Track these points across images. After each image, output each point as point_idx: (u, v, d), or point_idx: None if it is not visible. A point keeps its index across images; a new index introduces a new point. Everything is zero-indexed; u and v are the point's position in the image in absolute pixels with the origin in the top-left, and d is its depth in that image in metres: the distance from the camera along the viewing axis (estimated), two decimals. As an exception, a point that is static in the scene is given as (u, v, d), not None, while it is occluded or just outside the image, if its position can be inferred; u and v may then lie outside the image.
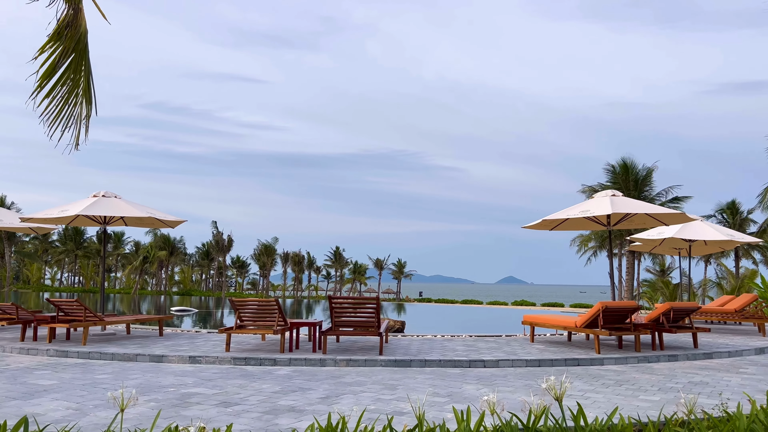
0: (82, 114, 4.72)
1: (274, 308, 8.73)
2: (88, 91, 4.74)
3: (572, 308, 58.79)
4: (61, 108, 4.60)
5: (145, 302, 47.33)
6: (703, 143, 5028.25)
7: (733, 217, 42.48)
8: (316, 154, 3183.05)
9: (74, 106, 4.68)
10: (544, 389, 3.69)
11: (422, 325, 18.18)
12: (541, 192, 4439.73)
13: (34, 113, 4.44)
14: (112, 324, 9.96)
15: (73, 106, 4.67)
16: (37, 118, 4.41)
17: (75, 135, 4.72)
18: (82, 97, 4.67)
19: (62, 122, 4.68)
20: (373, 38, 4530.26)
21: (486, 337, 11.30)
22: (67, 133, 4.67)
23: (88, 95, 4.72)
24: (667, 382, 7.09)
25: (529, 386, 6.70)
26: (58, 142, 4.60)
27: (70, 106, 4.67)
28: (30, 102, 4.37)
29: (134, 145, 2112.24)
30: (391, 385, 6.69)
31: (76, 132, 4.73)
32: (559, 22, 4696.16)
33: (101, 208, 10.83)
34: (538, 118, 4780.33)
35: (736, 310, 13.88)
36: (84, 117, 4.74)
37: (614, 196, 10.48)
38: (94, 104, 4.79)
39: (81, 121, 4.72)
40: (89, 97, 4.74)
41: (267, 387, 6.48)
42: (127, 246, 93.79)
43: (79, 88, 4.66)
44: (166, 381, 6.78)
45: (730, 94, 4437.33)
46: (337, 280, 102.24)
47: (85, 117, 4.74)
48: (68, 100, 4.63)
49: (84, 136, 4.78)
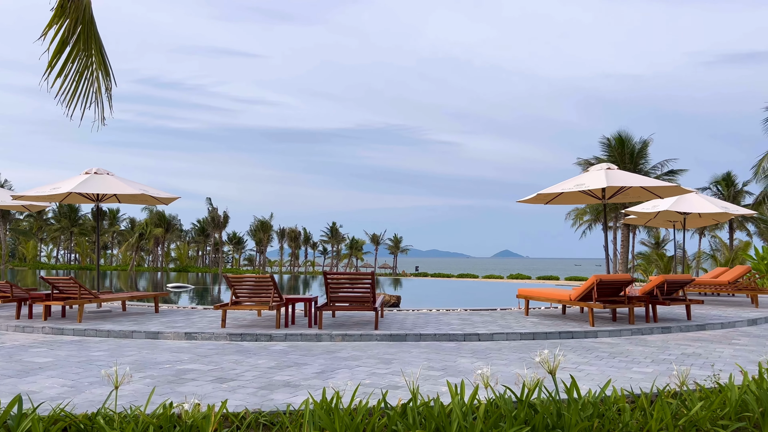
0: (102, 88, 4.55)
1: (270, 284, 8.73)
2: (104, 63, 4.56)
3: (567, 281, 59.21)
4: (77, 85, 4.43)
5: (141, 279, 47.40)
6: (700, 115, 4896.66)
7: (728, 189, 42.58)
8: (311, 129, 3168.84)
9: (90, 81, 4.51)
10: (537, 362, 3.70)
11: (418, 299, 18.27)
12: (536, 166, 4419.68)
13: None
14: (108, 301, 9.95)
15: (90, 82, 4.51)
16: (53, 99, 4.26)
17: (99, 111, 4.56)
18: (98, 71, 4.51)
19: (80, 99, 4.50)
20: (368, 11, 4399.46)
21: (481, 311, 11.36)
22: (89, 111, 4.53)
23: (104, 68, 4.55)
24: (660, 353, 7.15)
25: (523, 359, 6.74)
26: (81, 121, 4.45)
27: (85, 81, 4.50)
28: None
29: (128, 121, 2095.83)
30: (387, 359, 6.73)
31: (99, 108, 4.56)
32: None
33: (94, 185, 10.75)
34: (533, 92, 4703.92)
35: (729, 282, 13.97)
36: (106, 90, 4.56)
37: (609, 170, 10.45)
38: (112, 76, 4.62)
39: (103, 95, 4.55)
40: (106, 70, 4.57)
41: (262, 362, 6.50)
42: (123, 223, 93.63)
43: (92, 61, 4.49)
44: (161, 357, 6.79)
45: (727, 65, 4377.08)
46: (334, 256, 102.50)
47: (106, 90, 4.56)
48: (83, 75, 4.46)
49: (109, 111, 4.62)
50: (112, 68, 4.69)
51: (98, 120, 4.46)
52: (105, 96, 4.63)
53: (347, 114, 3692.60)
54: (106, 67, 4.62)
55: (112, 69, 4.68)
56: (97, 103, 4.58)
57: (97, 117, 4.55)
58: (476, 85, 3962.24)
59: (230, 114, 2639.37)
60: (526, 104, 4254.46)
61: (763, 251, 20.77)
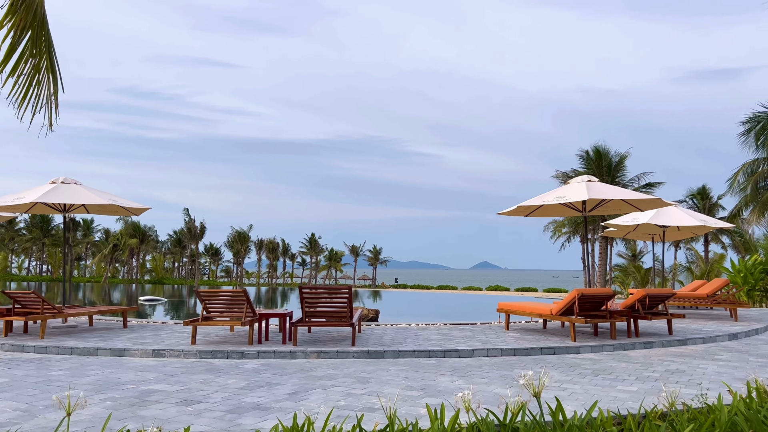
0: (50, 92, 4.35)
1: (243, 299, 8.40)
2: (53, 66, 4.35)
3: (546, 293, 59.40)
4: (27, 88, 4.22)
5: (115, 291, 46.41)
6: (675, 129, 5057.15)
7: (703, 202, 43.14)
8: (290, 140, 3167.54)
9: (41, 84, 4.29)
10: (522, 385, 3.47)
11: (397, 312, 18.00)
12: (515, 178, 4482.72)
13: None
14: (73, 316, 9.53)
15: (40, 85, 4.29)
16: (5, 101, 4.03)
17: (47, 116, 4.35)
18: (48, 74, 4.30)
19: (31, 103, 4.31)
20: (348, 23, 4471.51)
21: (461, 325, 11.14)
22: (39, 115, 4.30)
23: (53, 71, 4.35)
24: (643, 370, 6.98)
25: (505, 377, 6.52)
26: (30, 125, 4.21)
27: (36, 84, 4.29)
28: None
29: (105, 131, 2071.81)
30: (363, 378, 6.45)
31: (47, 112, 4.36)
32: (533, 9, 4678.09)
33: (60, 195, 10.33)
34: (512, 105, 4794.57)
35: (708, 295, 13.95)
36: (53, 94, 4.37)
37: (590, 182, 10.34)
38: (60, 80, 4.42)
39: (50, 98, 4.34)
40: (54, 73, 4.36)
41: (232, 382, 6.18)
42: (97, 234, 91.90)
43: (43, 63, 4.26)
44: (125, 377, 6.43)
45: (699, 81, 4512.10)
46: (313, 267, 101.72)
47: (52, 94, 4.37)
48: (34, 78, 4.24)
49: (56, 116, 4.41)
50: (64, 80, 4.45)
51: (45, 126, 4.21)
52: (51, 100, 4.39)
53: (327, 125, 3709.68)
54: (55, 70, 4.38)
55: (61, 74, 4.43)
56: (47, 106, 4.34)
57: (45, 123, 4.31)
58: (455, 97, 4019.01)
59: (208, 124, 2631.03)
60: (504, 117, 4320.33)
61: (739, 264, 20.93)
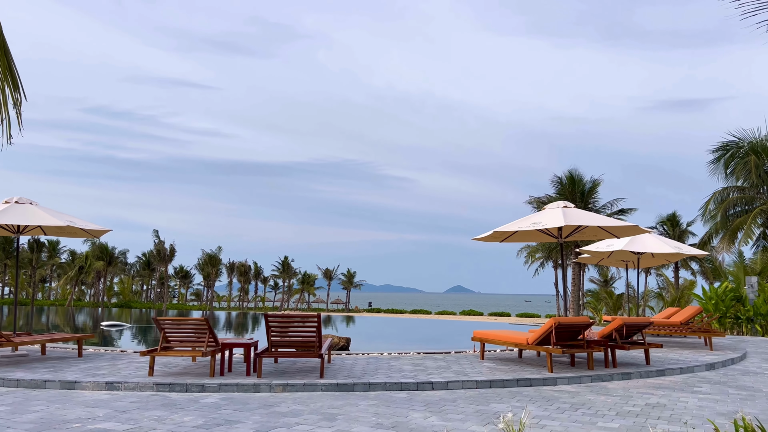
0: (9, 102, 3.91)
1: (204, 328, 7.94)
2: (11, 73, 3.92)
3: (519, 317, 59.34)
4: None
5: (80, 314, 44.93)
6: (643, 157, 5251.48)
7: (673, 228, 43.73)
8: (264, 162, 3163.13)
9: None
10: (500, 429, 3.13)
11: (370, 338, 17.59)
12: (488, 203, 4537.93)
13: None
14: (23, 344, 8.93)
15: None
16: None
17: (6, 128, 3.90)
18: (3, 82, 3.87)
19: None
20: (323, 47, 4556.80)
21: (435, 354, 10.77)
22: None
23: (12, 78, 3.91)
24: (623, 404, 6.70)
25: (481, 412, 6.17)
26: None
27: None
28: None
29: (75, 150, 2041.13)
30: (331, 414, 6.04)
31: (6, 124, 3.90)
32: (505, 37, 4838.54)
33: (13, 215, 9.77)
34: (485, 131, 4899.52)
35: (682, 323, 13.84)
36: (14, 105, 3.94)
37: (566, 208, 10.17)
38: (21, 88, 3.98)
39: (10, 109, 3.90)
40: (14, 80, 3.93)
41: (188, 420, 5.72)
42: (63, 255, 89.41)
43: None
44: (72, 414, 5.92)
45: (667, 110, 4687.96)
46: (285, 291, 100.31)
47: (14, 105, 3.94)
48: None
49: (19, 128, 3.96)
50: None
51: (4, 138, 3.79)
52: (13, 111, 3.97)
53: (301, 148, 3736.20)
54: (15, 76, 3.96)
55: (22, 82, 4.01)
56: (2, 118, 3.90)
57: (3, 134, 3.89)
58: (429, 122, 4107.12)
59: (182, 145, 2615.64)
60: (477, 143, 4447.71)
61: (710, 290, 21.02)
